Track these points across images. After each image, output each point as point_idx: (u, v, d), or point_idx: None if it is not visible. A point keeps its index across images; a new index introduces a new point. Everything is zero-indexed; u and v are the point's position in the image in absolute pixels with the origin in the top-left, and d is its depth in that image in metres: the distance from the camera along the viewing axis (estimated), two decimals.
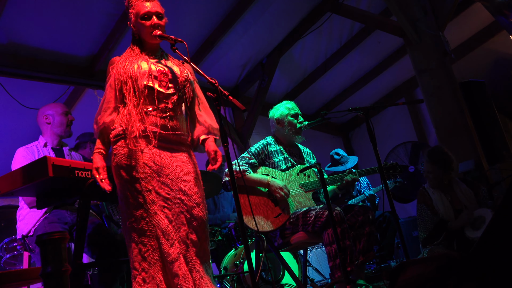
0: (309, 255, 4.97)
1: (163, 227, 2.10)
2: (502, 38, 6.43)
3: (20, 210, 3.00)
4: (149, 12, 2.30)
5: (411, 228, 5.10)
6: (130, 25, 2.37)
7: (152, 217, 2.11)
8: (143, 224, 2.11)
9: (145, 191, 2.14)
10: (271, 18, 5.29)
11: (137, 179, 2.15)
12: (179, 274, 2.05)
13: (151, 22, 2.29)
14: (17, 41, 4.21)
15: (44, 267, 1.83)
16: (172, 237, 2.10)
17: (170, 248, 2.08)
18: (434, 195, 3.50)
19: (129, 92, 2.21)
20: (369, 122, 2.84)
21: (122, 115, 2.23)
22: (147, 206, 2.12)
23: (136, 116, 2.19)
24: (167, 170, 2.20)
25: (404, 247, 2.70)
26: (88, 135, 4.14)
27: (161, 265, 2.09)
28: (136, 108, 2.20)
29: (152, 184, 2.15)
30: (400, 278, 1.49)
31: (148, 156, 2.18)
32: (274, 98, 6.71)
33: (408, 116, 7.35)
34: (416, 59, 4.82)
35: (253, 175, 3.08)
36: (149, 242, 2.10)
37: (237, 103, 2.14)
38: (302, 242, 2.98)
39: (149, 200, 2.13)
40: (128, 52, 2.35)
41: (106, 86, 2.31)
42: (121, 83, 2.24)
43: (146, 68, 2.27)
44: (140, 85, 2.22)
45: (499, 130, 5.08)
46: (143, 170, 2.16)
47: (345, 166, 5.01)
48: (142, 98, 2.22)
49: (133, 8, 2.33)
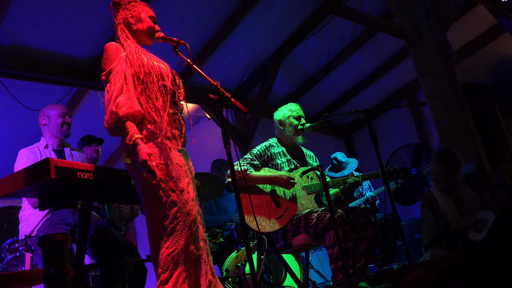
0: (311, 257, 4.96)
1: (193, 228, 2.13)
2: (504, 40, 6.42)
3: (22, 211, 3.01)
4: (155, 18, 2.40)
5: (413, 230, 5.09)
6: (127, 15, 2.34)
7: (184, 218, 2.11)
8: (176, 223, 2.09)
9: (180, 190, 2.13)
10: (273, 20, 5.30)
11: (172, 178, 2.12)
12: (202, 272, 2.12)
13: (155, 26, 2.38)
14: (20, 43, 4.23)
15: (46, 269, 1.83)
16: (198, 237, 2.16)
17: (198, 248, 2.14)
18: (441, 199, 3.47)
19: (156, 87, 2.19)
20: (371, 124, 2.84)
21: (150, 111, 2.16)
22: (181, 206, 2.11)
23: (166, 116, 2.19)
24: (187, 172, 2.25)
25: (406, 249, 2.69)
26: (94, 137, 4.13)
27: (187, 266, 2.09)
28: (165, 107, 2.19)
29: (183, 184, 2.16)
30: (402, 281, 1.49)
31: (176, 156, 2.19)
32: (276, 100, 6.71)
33: (411, 118, 7.34)
34: (418, 61, 4.82)
35: (256, 173, 3.08)
36: (178, 241, 2.08)
37: (239, 105, 2.15)
38: (304, 244, 2.98)
39: (183, 199, 2.13)
40: (132, 44, 2.28)
41: (119, 69, 2.17)
42: (144, 74, 2.18)
43: (164, 68, 2.30)
44: (166, 85, 2.24)
45: (501, 132, 5.07)
46: (176, 170, 2.15)
47: (342, 173, 4.99)
48: (169, 96, 2.23)
49: (137, 7, 2.36)
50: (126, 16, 2.34)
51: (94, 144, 4.06)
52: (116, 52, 2.22)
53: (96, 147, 4.06)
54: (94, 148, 4.05)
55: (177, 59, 2.33)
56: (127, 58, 2.20)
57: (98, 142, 4.10)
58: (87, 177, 2.37)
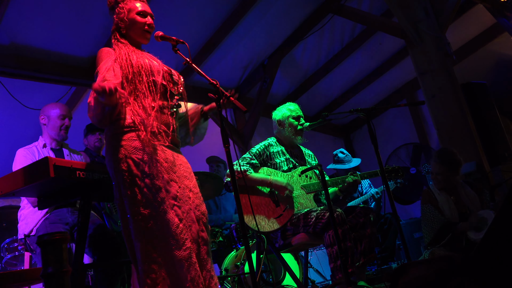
0: (310, 257, 4.96)
1: (173, 227, 1.99)
2: (503, 39, 6.43)
3: (21, 211, 3.01)
4: (145, 11, 2.31)
5: (413, 229, 5.08)
6: (117, 20, 2.31)
7: (162, 217, 2.00)
8: (152, 223, 1.98)
9: (156, 188, 2.02)
10: (272, 19, 5.30)
11: (149, 175, 2.02)
12: (187, 277, 1.95)
13: (146, 20, 2.29)
14: (19, 42, 4.22)
15: (45, 268, 1.83)
16: (183, 237, 2.00)
17: (181, 249, 1.98)
18: (440, 197, 3.47)
19: (145, 86, 2.14)
20: (370, 123, 2.83)
21: (135, 106, 2.12)
22: (157, 205, 2.00)
23: (153, 111, 2.12)
24: (174, 168, 2.15)
25: (406, 248, 2.69)
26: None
27: (169, 267, 1.98)
28: (153, 103, 2.14)
29: (163, 181, 2.05)
30: (401, 280, 1.49)
31: (159, 153, 2.10)
32: (276, 99, 6.71)
33: (410, 118, 7.34)
34: (418, 60, 4.82)
35: (255, 175, 3.08)
36: (159, 243, 1.98)
37: (239, 104, 2.15)
38: (303, 243, 2.98)
39: (159, 198, 2.01)
40: (123, 46, 2.26)
41: (106, 66, 2.14)
42: (132, 74, 2.15)
43: (156, 64, 2.26)
44: (157, 81, 2.19)
45: (500, 132, 5.07)
46: (155, 166, 2.05)
47: (349, 165, 4.98)
48: (158, 94, 2.18)
49: (126, 3, 2.31)
50: (117, 21, 2.32)
51: (98, 133, 4.08)
52: (107, 54, 2.22)
53: (99, 135, 4.08)
54: (98, 137, 4.07)
55: (177, 58, 2.32)
56: (116, 60, 2.18)
57: (102, 131, 4.12)
58: (86, 176, 2.36)
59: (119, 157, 2.05)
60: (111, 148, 2.10)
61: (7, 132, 5.00)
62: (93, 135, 4.08)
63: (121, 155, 2.05)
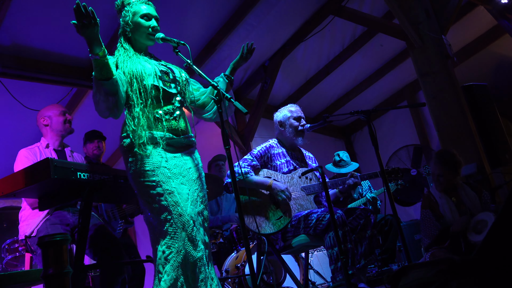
0: (311, 258, 4.96)
1: (188, 229, 2.08)
2: (504, 41, 6.43)
3: (22, 211, 3.01)
4: (149, 14, 2.34)
5: (413, 231, 5.08)
6: (123, 23, 2.34)
7: (177, 219, 2.08)
8: (168, 226, 2.07)
9: (167, 193, 2.10)
10: (273, 20, 5.30)
11: (158, 182, 2.11)
12: (199, 277, 2.06)
13: (151, 23, 2.32)
14: (20, 43, 4.23)
15: (45, 269, 1.83)
16: (197, 238, 2.10)
17: (196, 251, 2.08)
18: (441, 199, 3.47)
19: (135, 93, 2.17)
20: (371, 125, 2.83)
21: (129, 120, 2.18)
22: (171, 209, 2.08)
23: (144, 120, 2.16)
24: (183, 172, 2.21)
25: (406, 250, 2.69)
26: (97, 133, 4.15)
27: (183, 268, 2.06)
28: (143, 112, 2.17)
29: (174, 186, 2.13)
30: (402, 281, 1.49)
31: (165, 159, 2.16)
32: (277, 100, 6.71)
33: (411, 119, 7.34)
34: (419, 62, 4.82)
35: (255, 178, 3.08)
36: (173, 244, 2.05)
37: (240, 106, 2.15)
38: (304, 245, 2.98)
39: (172, 202, 2.10)
40: (123, 53, 2.30)
41: None
42: (126, 83, 2.19)
43: (150, 67, 2.26)
44: (147, 86, 2.20)
45: (501, 134, 5.06)
46: (163, 173, 2.13)
47: (346, 169, 5.00)
48: (149, 99, 2.19)
49: (131, 7, 2.33)
50: (123, 24, 2.35)
51: (96, 140, 4.08)
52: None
53: (98, 143, 4.08)
54: (96, 144, 4.07)
55: (178, 59, 2.32)
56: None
57: (101, 138, 4.12)
58: (87, 177, 2.37)
59: (131, 173, 2.16)
60: (126, 161, 2.21)
61: (8, 133, 5.01)
62: (91, 143, 4.08)
63: (132, 171, 2.16)
